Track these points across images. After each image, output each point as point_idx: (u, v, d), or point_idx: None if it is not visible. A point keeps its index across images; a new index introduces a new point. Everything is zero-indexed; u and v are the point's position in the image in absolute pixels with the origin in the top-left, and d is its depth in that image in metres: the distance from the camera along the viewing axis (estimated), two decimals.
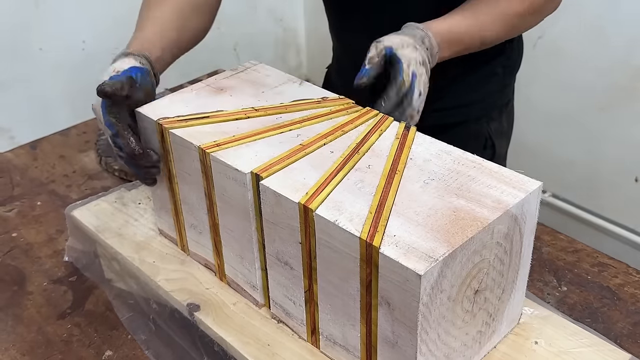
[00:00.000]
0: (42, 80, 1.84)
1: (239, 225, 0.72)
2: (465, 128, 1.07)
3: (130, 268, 0.84)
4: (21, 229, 1.05)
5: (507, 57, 1.07)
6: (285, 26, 2.44)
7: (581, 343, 0.70)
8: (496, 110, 1.09)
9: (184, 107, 0.78)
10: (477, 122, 1.07)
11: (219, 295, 0.78)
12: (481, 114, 1.07)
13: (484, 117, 1.08)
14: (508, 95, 1.12)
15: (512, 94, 1.13)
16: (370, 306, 0.60)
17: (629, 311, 0.83)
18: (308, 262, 0.65)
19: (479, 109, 1.07)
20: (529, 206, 0.64)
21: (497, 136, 1.10)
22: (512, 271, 0.66)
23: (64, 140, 1.29)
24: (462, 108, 1.06)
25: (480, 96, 1.07)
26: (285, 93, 0.81)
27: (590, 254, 0.92)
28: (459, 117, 1.06)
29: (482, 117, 1.07)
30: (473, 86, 1.05)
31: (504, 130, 1.12)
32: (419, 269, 0.54)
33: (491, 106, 1.08)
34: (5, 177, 1.18)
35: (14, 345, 0.84)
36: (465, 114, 1.06)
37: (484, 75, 1.05)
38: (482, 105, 1.07)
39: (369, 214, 0.60)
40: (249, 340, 0.72)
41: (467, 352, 0.65)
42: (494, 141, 1.09)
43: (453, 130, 1.05)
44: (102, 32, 1.90)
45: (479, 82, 1.05)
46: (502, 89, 1.09)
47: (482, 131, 1.08)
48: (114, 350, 0.83)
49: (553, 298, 0.85)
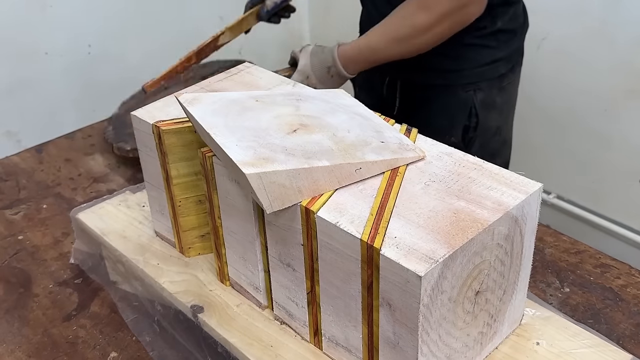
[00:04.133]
0: (48, 84, 1.85)
1: (242, 227, 0.73)
2: (452, 94, 1.17)
3: (134, 270, 0.85)
4: (27, 231, 1.06)
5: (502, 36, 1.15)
6: (290, 29, 2.45)
7: (583, 344, 0.70)
8: (485, 82, 1.16)
9: (178, 110, 0.79)
10: (463, 89, 1.16)
11: (222, 297, 0.79)
12: (467, 81, 1.16)
13: (470, 86, 1.16)
14: (500, 70, 1.18)
15: (511, 73, 1.20)
16: (371, 307, 0.61)
17: (631, 312, 0.83)
18: (310, 263, 0.65)
19: (466, 77, 1.16)
20: (530, 208, 0.64)
21: (483, 107, 1.17)
22: (513, 272, 0.67)
23: (70, 143, 1.30)
24: (451, 73, 1.16)
25: (470, 65, 1.15)
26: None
27: (592, 255, 0.92)
28: (447, 80, 1.16)
29: (468, 85, 1.16)
30: (463, 55, 1.14)
31: (494, 104, 1.19)
32: (420, 270, 0.54)
33: (479, 76, 1.16)
34: (12, 180, 1.19)
35: (20, 347, 0.85)
36: (452, 79, 1.16)
37: (475, 46, 1.14)
38: (469, 74, 1.15)
39: (370, 215, 0.61)
40: (253, 341, 0.72)
41: (469, 352, 0.66)
42: (478, 112, 1.17)
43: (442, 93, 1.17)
44: (108, 36, 1.92)
45: (470, 52, 1.14)
46: (493, 62, 1.16)
47: (468, 100, 1.16)
48: (119, 351, 0.84)
49: (556, 299, 0.86)
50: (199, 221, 0.83)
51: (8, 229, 1.07)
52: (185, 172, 0.80)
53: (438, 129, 1.11)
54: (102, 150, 1.27)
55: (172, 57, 2.10)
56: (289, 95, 0.77)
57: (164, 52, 2.07)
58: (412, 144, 0.70)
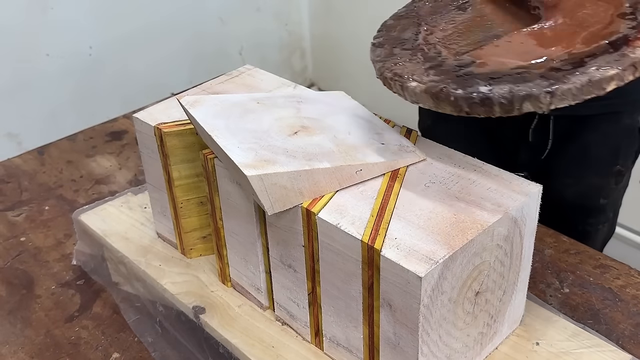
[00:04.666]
0: (49, 86, 1.86)
1: (243, 229, 0.73)
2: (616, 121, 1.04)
3: (136, 271, 0.86)
4: (29, 233, 1.06)
5: None
6: (290, 30, 2.46)
7: (582, 344, 0.70)
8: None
9: (180, 112, 0.80)
10: (630, 115, 1.04)
11: (224, 298, 0.79)
12: (633, 106, 1.04)
13: (637, 111, 1.05)
14: None
15: None
16: (372, 308, 0.61)
17: (631, 312, 0.84)
18: (311, 264, 0.66)
19: (632, 102, 1.04)
20: (529, 209, 0.65)
21: None
22: (513, 273, 0.67)
23: (72, 145, 1.30)
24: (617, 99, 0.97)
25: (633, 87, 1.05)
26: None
27: (592, 256, 0.93)
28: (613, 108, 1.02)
29: (635, 110, 1.04)
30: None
31: None
32: (420, 271, 0.55)
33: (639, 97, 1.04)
34: (14, 182, 1.20)
35: (22, 347, 0.85)
36: (618, 106, 1.03)
37: None
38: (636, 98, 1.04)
39: (371, 217, 0.61)
40: (254, 342, 0.73)
41: (469, 353, 0.66)
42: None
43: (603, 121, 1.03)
44: (109, 38, 1.93)
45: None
46: None
47: (634, 125, 1.05)
48: (121, 352, 0.84)
49: (555, 300, 0.86)
50: (201, 223, 0.84)
51: (10, 230, 1.07)
52: (187, 173, 0.80)
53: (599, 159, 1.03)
54: (104, 152, 1.27)
55: (172, 57, 2.12)
56: (290, 97, 0.78)
57: (165, 53, 2.08)
58: (412, 146, 0.71)
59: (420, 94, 0.61)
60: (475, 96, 0.57)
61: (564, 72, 0.57)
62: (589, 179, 1.04)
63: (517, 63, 0.61)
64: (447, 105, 0.59)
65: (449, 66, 0.63)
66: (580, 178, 0.96)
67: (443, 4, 0.77)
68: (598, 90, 0.56)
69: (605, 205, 1.09)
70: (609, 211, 1.11)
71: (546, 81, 0.56)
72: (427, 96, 0.61)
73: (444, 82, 0.61)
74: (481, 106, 0.58)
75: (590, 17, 0.65)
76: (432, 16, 0.75)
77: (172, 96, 1.24)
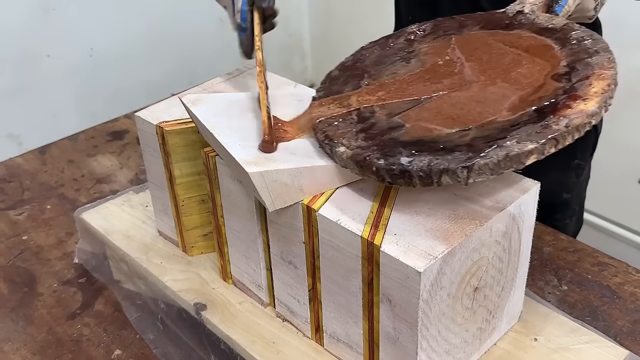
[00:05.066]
0: (51, 86, 1.86)
1: (244, 226, 0.74)
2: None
3: (138, 269, 0.86)
4: (31, 232, 1.07)
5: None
6: (290, 32, 2.47)
7: (580, 340, 0.71)
8: None
9: (181, 111, 0.80)
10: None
11: (225, 295, 0.80)
12: None
13: None
14: None
15: None
16: (372, 303, 0.62)
17: (628, 309, 0.84)
18: (312, 261, 0.67)
19: None
20: (527, 206, 0.65)
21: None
22: (511, 269, 0.68)
23: (73, 145, 1.31)
24: None
25: None
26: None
27: (590, 254, 0.93)
28: None
29: None
30: None
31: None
32: (419, 266, 0.55)
33: None
34: (16, 181, 1.20)
35: (25, 345, 0.86)
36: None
37: None
38: None
39: (371, 213, 0.62)
40: (255, 338, 0.73)
41: (467, 348, 0.67)
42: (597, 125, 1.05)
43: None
44: (110, 39, 1.93)
45: None
46: None
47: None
48: (123, 349, 0.85)
49: (554, 297, 0.87)
50: (202, 220, 0.84)
51: (12, 229, 1.08)
52: (188, 171, 0.81)
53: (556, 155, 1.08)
54: (105, 152, 1.28)
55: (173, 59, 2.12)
56: (290, 96, 0.79)
57: (165, 54, 2.09)
58: None
59: (347, 160, 0.62)
60: (395, 168, 0.58)
61: (483, 144, 0.57)
62: (550, 175, 1.05)
63: (441, 131, 0.61)
64: (371, 174, 0.60)
65: (378, 129, 0.64)
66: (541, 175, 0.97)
67: (390, 52, 0.77)
68: (517, 165, 0.55)
69: (570, 200, 1.11)
70: (574, 205, 1.14)
71: (464, 155, 0.56)
72: (352, 163, 0.62)
73: (369, 149, 0.61)
74: (400, 178, 0.58)
75: (524, 77, 0.64)
76: (376, 67, 0.75)
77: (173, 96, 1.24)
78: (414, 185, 0.58)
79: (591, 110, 0.57)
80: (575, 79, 0.61)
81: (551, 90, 0.61)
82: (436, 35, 0.77)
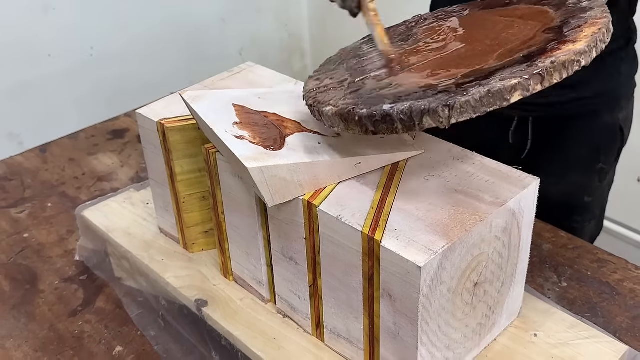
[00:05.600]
0: (51, 86, 1.87)
1: (245, 222, 0.74)
2: (596, 119, 1.03)
3: (139, 266, 0.87)
4: (33, 230, 1.07)
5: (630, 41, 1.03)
6: (290, 31, 2.47)
7: (580, 335, 0.71)
8: (624, 99, 1.05)
9: (182, 108, 0.81)
10: (611, 112, 1.04)
11: (226, 292, 0.80)
12: (614, 103, 1.04)
13: (616, 107, 1.04)
14: (635, 82, 1.07)
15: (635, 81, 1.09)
16: (372, 299, 0.62)
17: (628, 306, 0.85)
18: (312, 257, 0.67)
19: (612, 98, 1.03)
20: (527, 201, 0.66)
21: (625, 125, 1.07)
22: (511, 264, 0.68)
23: (73, 143, 1.31)
24: (597, 98, 1.02)
25: (615, 84, 1.03)
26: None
27: (590, 251, 0.94)
28: (593, 106, 1.02)
29: (615, 107, 1.04)
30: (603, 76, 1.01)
31: (630, 117, 1.09)
32: (419, 261, 0.56)
33: (621, 94, 1.05)
34: (17, 179, 1.21)
35: (27, 341, 0.86)
36: (598, 104, 1.02)
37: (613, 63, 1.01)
38: (614, 94, 1.04)
39: (371, 209, 0.62)
40: (256, 334, 0.74)
41: (468, 343, 0.67)
42: (624, 130, 1.07)
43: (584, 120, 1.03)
44: (110, 38, 1.93)
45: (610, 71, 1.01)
46: (629, 76, 1.05)
47: (615, 122, 1.05)
48: (125, 346, 0.85)
49: (553, 294, 0.87)
50: (203, 217, 0.84)
51: (14, 227, 1.08)
52: (189, 168, 0.81)
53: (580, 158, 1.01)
54: (105, 150, 1.28)
55: (173, 58, 2.13)
56: (291, 92, 0.79)
57: (166, 53, 2.09)
58: (411, 140, 0.72)
59: (332, 117, 0.62)
60: (377, 114, 0.57)
61: (467, 86, 0.56)
62: (572, 177, 1.05)
63: (427, 82, 0.60)
64: (355, 126, 0.60)
65: (366, 90, 0.64)
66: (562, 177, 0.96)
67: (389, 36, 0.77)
68: (500, 102, 0.54)
69: (591, 203, 1.09)
70: (595, 208, 1.12)
71: (446, 95, 0.55)
72: (337, 118, 0.61)
73: (354, 104, 0.61)
74: (383, 123, 0.57)
75: (514, 36, 0.64)
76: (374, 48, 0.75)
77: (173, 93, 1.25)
78: (397, 132, 0.57)
79: (579, 49, 0.55)
80: (567, 29, 0.60)
81: (541, 40, 0.60)
82: (435, 19, 0.77)
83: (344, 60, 0.76)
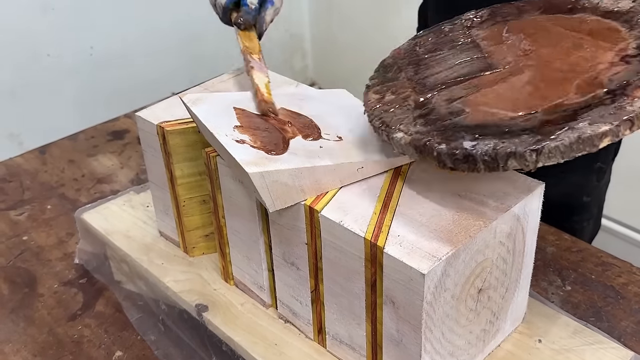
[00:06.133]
0: (51, 86, 1.86)
1: (246, 227, 0.73)
2: None
3: (139, 270, 0.86)
4: (32, 232, 1.06)
5: None
6: (291, 32, 2.46)
7: (584, 341, 0.71)
8: None
9: (182, 111, 0.80)
10: None
11: (226, 296, 0.79)
12: None
13: None
14: None
15: None
16: (375, 305, 0.61)
17: (632, 310, 0.84)
18: (314, 262, 0.66)
19: None
20: (531, 206, 0.65)
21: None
22: (516, 270, 0.67)
23: (73, 144, 1.30)
24: None
25: None
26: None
27: (594, 254, 0.93)
28: None
29: None
30: None
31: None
32: (423, 268, 0.55)
33: None
34: (16, 181, 1.20)
35: (25, 346, 0.86)
36: None
37: None
38: None
39: (374, 214, 0.62)
40: (257, 340, 0.73)
41: (472, 350, 0.66)
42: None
43: None
44: (110, 38, 1.93)
45: None
46: None
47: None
48: (124, 350, 0.84)
49: (557, 297, 0.86)
50: (203, 221, 0.84)
51: (13, 229, 1.07)
52: (190, 172, 0.80)
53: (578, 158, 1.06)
54: (105, 151, 1.27)
55: (173, 58, 2.12)
56: (292, 95, 0.78)
57: (166, 53, 2.08)
58: None
59: (405, 146, 0.60)
60: (458, 153, 0.56)
61: (553, 126, 0.54)
62: (571, 177, 1.05)
63: (506, 114, 0.58)
64: (432, 160, 0.58)
65: (438, 115, 0.62)
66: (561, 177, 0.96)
67: (445, 39, 0.75)
68: (590, 147, 0.52)
69: (589, 203, 1.10)
70: (593, 208, 1.12)
71: (532, 138, 0.53)
72: (411, 149, 0.60)
73: (429, 134, 0.59)
74: (464, 162, 0.56)
75: (587, 61, 0.61)
76: (431, 54, 0.73)
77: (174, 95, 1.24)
78: (478, 171, 0.55)
79: None
80: None
81: (622, 72, 0.58)
82: (493, 22, 0.75)
83: (401, 67, 0.73)
